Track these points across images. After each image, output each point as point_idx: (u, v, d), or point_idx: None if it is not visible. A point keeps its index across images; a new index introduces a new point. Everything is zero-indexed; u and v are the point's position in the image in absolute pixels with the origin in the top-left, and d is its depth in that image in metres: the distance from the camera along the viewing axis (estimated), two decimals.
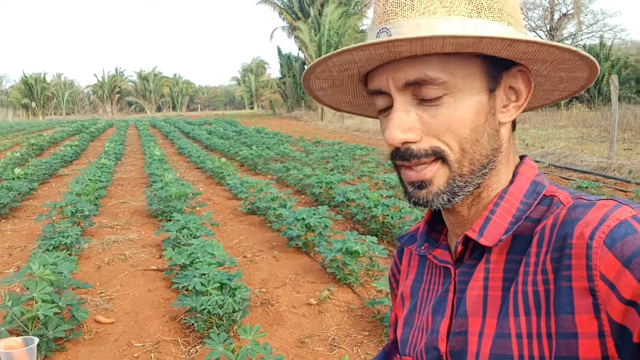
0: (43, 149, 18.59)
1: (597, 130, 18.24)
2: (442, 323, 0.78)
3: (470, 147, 0.72)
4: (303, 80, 0.79)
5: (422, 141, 0.71)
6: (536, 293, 0.67)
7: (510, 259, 0.73)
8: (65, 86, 74.99)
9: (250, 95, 72.46)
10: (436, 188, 0.73)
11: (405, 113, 0.71)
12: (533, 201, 0.75)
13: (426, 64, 0.69)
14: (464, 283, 0.77)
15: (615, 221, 0.62)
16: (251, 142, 17.39)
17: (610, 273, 0.60)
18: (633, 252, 0.58)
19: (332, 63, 0.73)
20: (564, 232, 0.66)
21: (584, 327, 0.62)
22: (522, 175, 0.78)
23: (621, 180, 9.86)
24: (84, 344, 3.76)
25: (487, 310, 0.73)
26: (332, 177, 8.15)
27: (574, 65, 0.73)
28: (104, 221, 7.52)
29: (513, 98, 0.77)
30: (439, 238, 0.88)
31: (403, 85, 0.70)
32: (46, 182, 11.44)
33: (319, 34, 36.62)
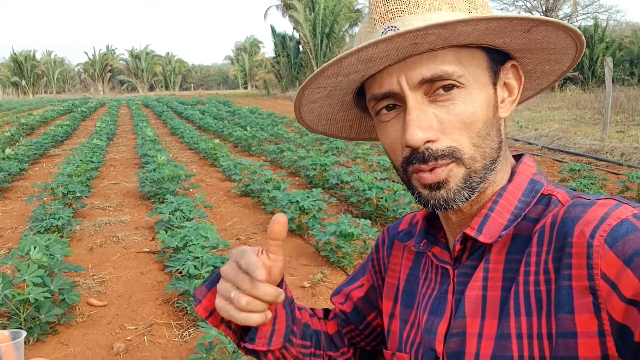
0: (33, 129, 18.41)
1: (590, 113, 18.26)
2: (441, 324, 0.78)
3: (482, 141, 0.72)
4: (310, 80, 0.74)
5: (440, 141, 0.70)
6: (538, 293, 0.67)
7: (509, 259, 0.73)
8: (56, 64, 74.14)
9: (244, 74, 71.99)
10: (454, 186, 0.72)
11: (422, 111, 0.69)
12: (531, 199, 0.75)
13: (442, 59, 0.69)
14: (463, 284, 0.76)
15: (616, 220, 0.62)
16: (245, 123, 17.28)
17: (612, 272, 0.59)
18: (634, 250, 0.58)
19: (347, 62, 0.68)
20: (564, 231, 0.66)
21: (584, 326, 0.61)
22: (520, 173, 0.78)
23: (613, 162, 9.90)
24: (76, 327, 3.75)
25: (487, 310, 0.72)
26: (327, 159, 8.12)
27: (557, 42, 0.73)
28: (96, 202, 7.47)
29: (506, 94, 0.78)
30: (437, 235, 0.87)
31: (418, 83, 0.69)
32: (37, 163, 11.34)
33: (313, 13, 36.24)
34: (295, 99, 0.78)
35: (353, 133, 0.94)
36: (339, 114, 0.88)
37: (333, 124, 0.90)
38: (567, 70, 0.82)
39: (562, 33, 0.70)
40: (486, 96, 0.72)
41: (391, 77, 0.70)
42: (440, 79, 0.69)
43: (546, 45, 0.73)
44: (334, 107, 0.84)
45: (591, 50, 29.09)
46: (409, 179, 0.75)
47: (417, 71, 0.69)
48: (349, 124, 0.91)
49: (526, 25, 0.67)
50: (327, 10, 36.00)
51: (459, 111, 0.69)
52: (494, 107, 0.73)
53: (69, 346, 3.50)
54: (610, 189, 7.45)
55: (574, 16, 36.55)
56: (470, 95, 0.70)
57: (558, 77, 0.84)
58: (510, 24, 0.66)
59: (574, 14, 36.25)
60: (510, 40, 0.71)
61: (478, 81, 0.71)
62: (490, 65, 0.73)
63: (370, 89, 0.75)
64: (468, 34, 0.66)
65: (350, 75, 0.72)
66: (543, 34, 0.70)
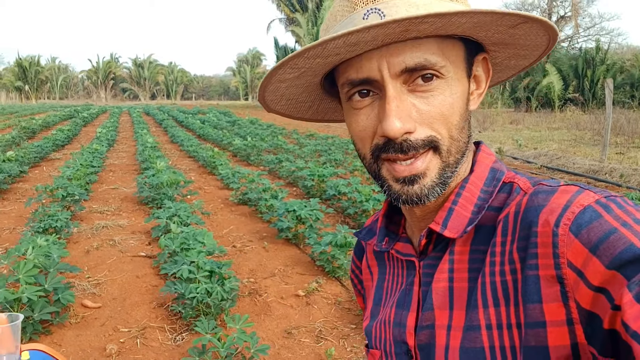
0: (35, 133, 18.44)
1: (590, 134, 18.33)
2: (409, 317, 0.77)
3: (458, 134, 0.71)
4: (287, 60, 0.69)
5: (418, 131, 0.68)
6: (504, 283, 0.66)
7: (474, 249, 0.72)
8: (60, 70, 74.39)
9: (245, 86, 72.23)
10: (429, 181, 0.70)
11: (402, 101, 0.67)
12: (493, 189, 0.74)
13: (426, 48, 0.67)
14: (429, 276, 0.76)
15: (579, 207, 0.61)
16: (245, 133, 17.33)
17: (578, 260, 0.59)
18: (599, 238, 0.58)
19: (333, 45, 0.64)
20: (528, 220, 0.65)
21: (552, 315, 0.61)
22: (480, 163, 0.77)
23: (612, 183, 9.91)
24: (70, 328, 3.75)
25: (454, 302, 0.72)
26: (325, 170, 8.14)
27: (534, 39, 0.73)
28: (94, 206, 7.49)
29: (474, 86, 0.77)
30: (397, 231, 0.86)
31: (399, 72, 0.66)
32: (37, 166, 11.36)
33: (316, 27, 36.51)
34: (264, 77, 0.74)
35: (309, 114, 0.91)
36: (302, 95, 0.84)
37: (293, 104, 0.86)
38: (528, 67, 0.82)
39: (542, 31, 0.69)
40: (463, 88, 0.71)
41: (371, 63, 0.67)
42: (423, 68, 0.67)
43: (523, 41, 0.73)
44: (299, 88, 0.80)
45: (592, 72, 29.25)
46: (379, 169, 0.73)
47: (400, 59, 0.66)
48: (308, 104, 0.88)
49: (515, 21, 0.67)
50: None
51: (438, 102, 0.68)
52: (466, 100, 0.73)
53: (61, 346, 3.50)
54: None
55: (575, 38, 36.87)
56: (449, 87, 0.69)
57: (517, 72, 0.84)
58: (501, 19, 0.65)
59: (575, 35, 36.55)
60: (492, 34, 0.71)
61: (457, 72, 0.70)
62: (467, 57, 0.72)
63: (345, 73, 0.71)
64: (460, 24, 0.65)
65: (329, 58, 0.68)
66: (526, 30, 0.69)
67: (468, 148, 0.75)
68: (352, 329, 3.79)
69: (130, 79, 76.97)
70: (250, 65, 72.23)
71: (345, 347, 3.55)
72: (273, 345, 3.56)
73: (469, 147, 0.75)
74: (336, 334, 3.72)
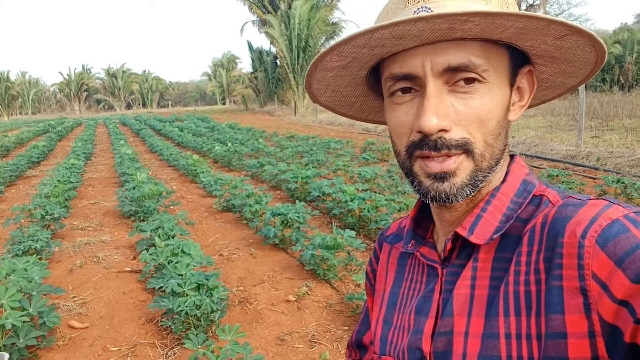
0: (9, 150, 18.10)
1: (565, 119, 18.58)
2: (427, 323, 0.77)
3: (493, 140, 0.71)
4: (335, 46, 0.69)
5: (453, 131, 0.68)
6: (528, 293, 0.66)
7: (498, 257, 0.72)
8: (31, 85, 73.17)
9: (222, 90, 71.89)
10: (459, 180, 0.70)
11: (440, 99, 0.68)
12: (523, 200, 0.75)
13: (471, 49, 0.68)
14: (451, 283, 0.76)
15: (607, 220, 0.61)
16: (224, 138, 17.22)
17: (603, 273, 0.59)
18: (626, 251, 0.57)
19: (379, 35, 0.65)
20: (555, 231, 0.65)
21: (574, 327, 0.61)
22: (513, 173, 0.78)
23: (590, 167, 10.06)
24: (57, 351, 3.66)
25: (473, 309, 0.72)
26: (308, 172, 8.12)
27: (581, 55, 0.72)
28: (75, 223, 7.35)
29: (517, 98, 0.77)
30: (425, 235, 0.86)
31: (442, 70, 0.67)
32: (13, 185, 11.13)
33: (289, 28, 36.42)
34: (311, 63, 0.74)
35: (353, 110, 0.92)
36: (347, 88, 0.85)
37: (338, 97, 0.87)
38: (576, 86, 0.82)
39: (589, 47, 0.69)
40: (503, 96, 0.72)
41: (415, 59, 0.69)
42: (466, 69, 0.67)
43: (569, 56, 0.73)
44: (345, 79, 0.81)
45: None
46: (411, 166, 0.74)
47: (444, 57, 0.67)
48: (352, 100, 0.89)
49: (561, 32, 0.66)
50: (302, 24, 36.19)
51: (476, 106, 0.69)
52: (506, 109, 0.73)
53: None
54: (587, 194, 7.56)
55: None
56: (490, 92, 0.69)
57: (565, 90, 0.84)
58: (547, 27, 0.65)
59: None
60: (538, 45, 0.70)
61: (499, 79, 0.71)
62: (511, 66, 0.73)
63: (389, 68, 0.72)
64: (505, 28, 0.65)
65: (376, 49, 0.69)
66: (573, 43, 0.69)
67: (503, 157, 0.75)
68: (345, 331, 3.77)
69: (104, 90, 76.04)
70: (226, 69, 71.87)
71: (339, 350, 3.53)
72: (267, 353, 3.52)
73: (504, 156, 0.76)
74: (329, 337, 3.69)
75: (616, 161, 10.08)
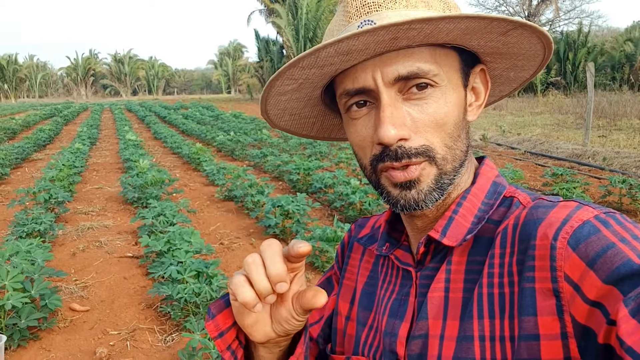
0: (15, 133, 18.18)
1: (572, 117, 18.51)
2: (402, 326, 0.77)
3: (453, 143, 0.72)
4: (283, 70, 0.70)
5: (412, 139, 0.69)
6: (501, 295, 0.67)
7: (471, 260, 0.72)
8: (38, 68, 73.31)
9: (227, 79, 71.78)
10: (426, 186, 0.71)
11: (396, 109, 0.68)
12: (494, 201, 0.75)
13: (419, 56, 0.68)
14: (425, 286, 0.76)
15: (579, 222, 0.62)
16: (228, 128, 17.23)
17: (575, 274, 0.59)
18: (597, 252, 0.58)
19: (325, 54, 0.66)
20: (527, 233, 0.66)
21: (547, 328, 0.61)
22: (483, 175, 0.78)
23: (595, 167, 10.02)
24: (58, 332, 3.72)
25: (448, 312, 0.72)
26: (310, 164, 8.13)
27: (528, 47, 0.73)
28: (78, 207, 7.41)
29: (473, 98, 0.78)
30: (400, 238, 0.86)
31: (393, 80, 0.68)
32: (19, 167, 11.21)
33: (296, 17, 36.29)
34: (264, 89, 0.75)
35: (314, 131, 0.92)
36: (304, 110, 0.85)
37: (297, 120, 0.87)
38: (529, 78, 0.83)
39: (535, 38, 0.70)
40: (458, 98, 0.72)
41: (365, 73, 0.69)
42: (416, 76, 0.68)
43: (517, 50, 0.74)
44: (301, 102, 0.82)
45: (574, 55, 29.48)
46: (378, 178, 0.74)
47: (393, 67, 0.68)
48: (312, 120, 0.89)
49: (505, 28, 0.67)
50: (309, 14, 36.04)
51: (432, 110, 0.69)
52: (463, 110, 0.74)
53: (50, 352, 3.47)
54: (592, 194, 7.55)
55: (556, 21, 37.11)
56: (443, 96, 0.70)
57: (520, 84, 0.85)
58: (490, 25, 0.66)
59: (556, 19, 36.80)
60: (485, 43, 0.71)
61: (451, 82, 0.71)
62: (462, 67, 0.73)
63: (342, 84, 0.73)
64: (448, 31, 0.65)
65: (325, 68, 0.70)
66: (518, 37, 0.70)
67: (467, 159, 0.76)
68: None
69: (110, 75, 76.04)
70: (232, 57, 71.70)
71: None
72: None
73: (468, 157, 0.76)
74: None
75: (622, 161, 10.04)
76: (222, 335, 0.75)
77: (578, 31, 30.34)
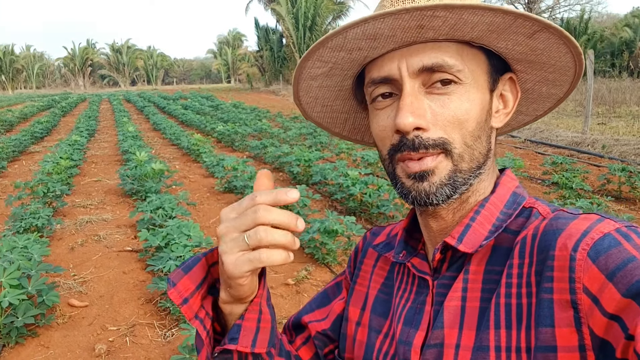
0: (13, 125, 18.10)
1: (572, 105, 18.43)
2: (417, 335, 0.76)
3: (473, 142, 0.72)
4: (312, 50, 0.71)
5: (430, 131, 0.69)
6: (519, 306, 0.66)
7: (489, 270, 0.72)
8: (35, 59, 72.98)
9: (227, 68, 71.55)
10: (438, 179, 0.71)
11: (416, 99, 0.69)
12: (513, 211, 0.75)
13: (445, 50, 0.69)
14: (442, 295, 0.75)
15: (599, 234, 0.61)
16: (228, 118, 17.17)
17: (594, 286, 0.58)
18: (617, 265, 0.57)
19: (352, 35, 0.67)
20: (546, 243, 0.65)
21: (564, 340, 0.60)
22: (503, 185, 0.78)
23: (595, 155, 10.00)
24: (57, 329, 3.69)
25: (465, 321, 0.71)
26: (311, 155, 8.09)
27: (557, 57, 0.73)
28: (76, 201, 7.37)
29: (501, 105, 0.78)
30: (417, 246, 0.85)
31: (417, 71, 0.69)
32: (16, 160, 11.16)
33: (296, 6, 36.06)
34: (295, 69, 0.76)
35: (346, 130, 0.94)
36: (336, 102, 0.86)
37: (329, 113, 0.88)
38: (564, 97, 0.82)
39: (563, 47, 0.70)
40: (482, 99, 0.72)
41: (392, 62, 0.70)
42: (440, 69, 0.69)
43: (546, 59, 0.73)
44: (332, 91, 0.83)
45: None
46: (394, 169, 0.75)
47: (418, 58, 0.69)
48: (344, 116, 0.90)
49: (530, 29, 0.67)
50: (309, 2, 35.82)
51: (453, 106, 0.69)
52: (487, 113, 0.74)
53: (49, 348, 3.44)
54: (591, 181, 7.53)
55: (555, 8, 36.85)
56: (466, 93, 0.70)
57: (555, 103, 0.84)
58: (514, 23, 0.66)
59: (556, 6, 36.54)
60: (512, 46, 0.71)
61: (476, 82, 0.71)
62: (490, 71, 0.74)
63: (369, 74, 0.74)
64: (473, 25, 0.66)
65: (353, 53, 0.71)
66: (545, 43, 0.70)
67: (488, 164, 0.76)
68: None
69: (108, 65, 75.78)
70: (231, 46, 71.42)
71: None
72: None
73: (489, 163, 0.76)
74: None
75: (622, 149, 10.02)
76: (187, 301, 0.73)
77: (580, 18, 30.16)
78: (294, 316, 1.01)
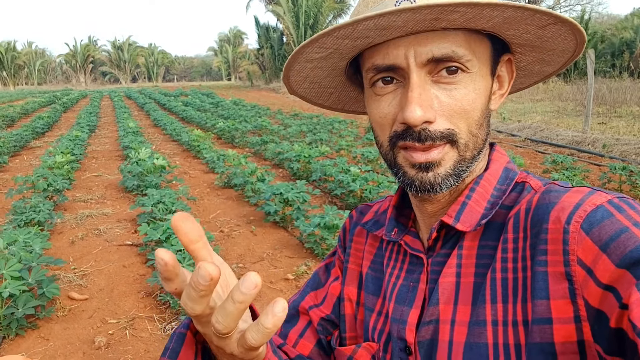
0: (14, 120, 18.11)
1: (572, 104, 18.43)
2: (412, 313, 0.76)
3: (477, 130, 0.71)
4: (316, 37, 0.67)
5: (437, 122, 0.68)
6: (515, 280, 0.66)
7: (483, 245, 0.72)
8: (37, 55, 72.90)
9: (227, 66, 71.51)
10: (444, 170, 0.70)
11: (424, 90, 0.67)
12: (507, 187, 0.75)
13: (454, 39, 0.67)
14: (436, 273, 0.75)
15: (592, 206, 0.62)
16: (228, 115, 17.17)
17: (588, 258, 0.59)
18: (610, 236, 0.58)
19: (363, 27, 0.64)
20: (540, 217, 0.65)
21: (560, 312, 0.61)
22: (495, 161, 0.78)
23: (595, 154, 10.00)
24: (57, 321, 3.70)
25: (460, 297, 0.71)
26: (311, 151, 8.09)
27: (561, 43, 0.72)
28: (77, 195, 7.38)
29: (497, 86, 0.77)
30: (407, 223, 0.85)
31: (426, 61, 0.67)
32: (17, 155, 11.16)
33: (297, 4, 36.02)
34: (291, 54, 0.73)
35: (330, 101, 0.91)
36: (326, 79, 0.84)
37: (316, 88, 0.86)
38: (552, 74, 0.82)
39: (570, 35, 0.69)
40: (486, 86, 0.72)
41: (398, 50, 0.68)
42: (450, 59, 0.67)
43: (550, 45, 0.73)
44: (325, 70, 0.80)
45: None
46: (395, 157, 0.73)
47: (427, 48, 0.66)
48: (330, 90, 0.88)
49: (545, 21, 0.66)
50: (310, 1, 35.78)
51: (460, 96, 0.68)
52: (488, 98, 0.73)
53: (49, 340, 3.46)
54: (592, 180, 7.53)
55: (556, 8, 36.79)
56: (473, 82, 0.69)
57: (541, 78, 0.85)
58: (532, 17, 0.65)
59: (557, 6, 36.49)
60: (521, 34, 0.70)
61: (482, 69, 0.70)
62: (492, 56, 0.72)
63: (371, 59, 0.71)
64: (490, 18, 0.64)
65: (358, 40, 0.68)
66: (555, 32, 0.69)
67: (485, 146, 0.75)
68: None
69: (109, 62, 75.75)
70: (232, 44, 71.38)
71: None
72: None
73: (486, 145, 0.76)
74: None
75: (622, 148, 10.01)
76: None
77: (580, 18, 30.14)
78: (298, 297, 0.98)
